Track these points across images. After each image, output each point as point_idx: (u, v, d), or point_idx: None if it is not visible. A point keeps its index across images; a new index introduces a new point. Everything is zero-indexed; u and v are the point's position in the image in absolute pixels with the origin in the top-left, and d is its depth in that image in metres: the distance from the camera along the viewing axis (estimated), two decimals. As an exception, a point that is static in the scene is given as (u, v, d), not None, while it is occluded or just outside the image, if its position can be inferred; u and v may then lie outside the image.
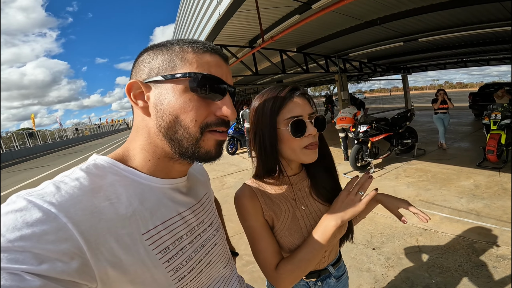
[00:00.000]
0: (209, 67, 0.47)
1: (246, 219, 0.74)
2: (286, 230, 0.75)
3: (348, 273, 1.00)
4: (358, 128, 4.59)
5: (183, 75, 0.45)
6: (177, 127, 0.46)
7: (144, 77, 0.48)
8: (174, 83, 0.46)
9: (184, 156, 0.49)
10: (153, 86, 0.47)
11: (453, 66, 14.77)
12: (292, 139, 0.69)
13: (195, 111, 0.46)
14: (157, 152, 0.49)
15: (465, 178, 3.77)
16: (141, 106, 0.48)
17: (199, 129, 0.47)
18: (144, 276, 0.43)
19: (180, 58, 0.47)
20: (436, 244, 2.36)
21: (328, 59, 9.57)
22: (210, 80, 0.46)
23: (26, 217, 0.34)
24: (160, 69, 0.47)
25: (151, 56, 0.48)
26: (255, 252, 0.74)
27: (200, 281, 0.54)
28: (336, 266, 0.91)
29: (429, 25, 6.48)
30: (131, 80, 0.48)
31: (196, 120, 0.46)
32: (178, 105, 0.46)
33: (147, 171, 0.49)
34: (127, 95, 0.48)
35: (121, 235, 0.41)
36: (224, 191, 4.50)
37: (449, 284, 1.87)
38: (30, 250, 0.33)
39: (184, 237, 0.51)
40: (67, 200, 0.38)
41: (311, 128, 0.69)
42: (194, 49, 0.47)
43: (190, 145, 0.47)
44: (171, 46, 0.48)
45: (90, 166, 0.45)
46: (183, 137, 0.47)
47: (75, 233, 0.36)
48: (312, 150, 0.71)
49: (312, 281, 0.89)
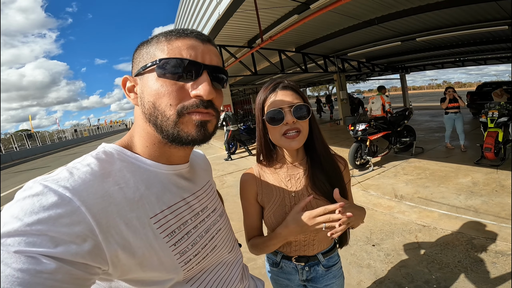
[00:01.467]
0: (179, 50, 0.48)
1: (241, 197, 0.91)
2: (272, 213, 0.85)
3: (347, 269, 1.02)
4: (356, 126, 4.61)
5: (152, 64, 0.47)
6: (156, 112, 0.48)
7: (134, 72, 0.52)
8: (149, 73, 0.49)
9: (169, 140, 0.50)
10: (138, 79, 0.51)
11: (451, 65, 14.84)
12: (272, 128, 0.79)
13: (167, 96, 0.47)
14: (151, 138, 0.52)
15: (463, 175, 3.79)
16: (133, 98, 0.52)
17: (175, 113, 0.47)
18: (152, 259, 0.45)
19: (155, 49, 0.49)
20: (435, 240, 2.38)
21: (327, 59, 9.61)
22: (178, 63, 0.46)
23: (43, 201, 0.36)
24: (141, 62, 0.50)
25: (138, 52, 0.52)
26: (243, 224, 0.93)
27: (205, 264, 0.56)
28: (327, 256, 0.93)
29: (427, 25, 6.53)
30: (125, 76, 0.53)
31: (171, 104, 0.47)
32: (153, 92, 0.48)
33: (150, 157, 0.52)
34: (123, 89, 0.53)
35: (130, 219, 0.43)
36: (224, 190, 4.51)
37: (449, 279, 1.89)
38: (47, 233, 0.34)
39: (189, 221, 0.53)
40: (80, 185, 0.40)
41: (288, 117, 0.76)
42: (167, 38, 0.49)
43: (170, 128, 0.48)
44: (151, 39, 0.51)
45: (100, 153, 0.48)
46: (162, 122, 0.48)
47: (88, 216, 0.38)
48: (290, 138, 0.78)
49: (300, 265, 0.92)
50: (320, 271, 0.93)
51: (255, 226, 0.91)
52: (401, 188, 3.64)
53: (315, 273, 0.93)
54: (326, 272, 0.94)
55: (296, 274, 0.94)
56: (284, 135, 0.78)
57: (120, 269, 0.42)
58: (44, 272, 0.33)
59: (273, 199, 0.86)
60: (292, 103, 0.77)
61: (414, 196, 3.32)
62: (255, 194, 0.89)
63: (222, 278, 0.59)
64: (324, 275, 0.94)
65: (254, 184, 0.89)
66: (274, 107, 0.77)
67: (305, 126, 0.79)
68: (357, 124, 4.64)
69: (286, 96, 0.78)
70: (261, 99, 0.83)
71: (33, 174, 10.46)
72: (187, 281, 0.52)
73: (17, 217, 0.34)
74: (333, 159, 0.88)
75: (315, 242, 0.89)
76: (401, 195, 3.37)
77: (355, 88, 37.41)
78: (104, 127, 46.99)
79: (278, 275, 0.98)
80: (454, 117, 5.25)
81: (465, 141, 5.23)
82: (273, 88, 0.81)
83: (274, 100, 0.79)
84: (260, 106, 0.83)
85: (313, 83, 22.96)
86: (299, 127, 0.78)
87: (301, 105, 0.78)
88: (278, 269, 0.97)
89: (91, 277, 0.38)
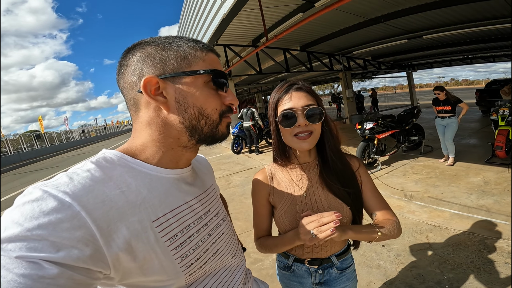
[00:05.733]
0: (214, 64, 0.53)
1: (253, 197, 0.92)
2: (283, 212, 0.84)
3: (357, 270, 1.01)
4: (364, 125, 4.55)
5: (204, 72, 0.50)
6: (200, 117, 0.51)
7: (158, 72, 0.48)
8: (195, 79, 0.50)
9: (201, 141, 0.55)
10: (170, 81, 0.49)
11: (459, 63, 14.63)
12: (284, 129, 0.79)
13: (215, 102, 0.53)
14: (171, 143, 0.52)
15: (474, 174, 3.72)
16: (161, 101, 0.49)
17: (218, 116, 0.54)
18: (153, 263, 0.45)
19: (193, 56, 0.51)
20: (446, 240, 2.33)
21: (332, 57, 9.54)
22: (220, 75, 0.53)
23: (43, 207, 0.36)
24: (176, 65, 0.49)
25: (160, 52, 0.49)
26: (253, 222, 0.94)
27: (207, 269, 0.55)
28: (340, 258, 0.91)
29: (433, 22, 6.43)
30: (148, 76, 0.47)
31: (217, 109, 0.53)
32: (201, 97, 0.51)
33: (156, 163, 0.51)
34: (143, 91, 0.47)
35: (131, 222, 0.43)
36: (230, 189, 4.50)
37: (461, 280, 1.85)
38: (47, 238, 0.34)
39: (192, 225, 0.53)
40: (80, 190, 0.40)
41: (301, 120, 0.76)
42: (201, 48, 0.53)
43: (211, 130, 0.54)
44: (177, 44, 0.51)
45: (100, 159, 0.47)
46: (205, 125, 0.52)
47: (88, 220, 0.38)
48: (301, 139, 0.77)
49: (313, 267, 0.90)
50: (333, 274, 0.91)
51: (264, 227, 0.92)
52: (411, 187, 3.59)
53: (329, 276, 0.91)
54: (340, 274, 0.91)
55: (309, 277, 0.92)
56: (296, 136, 0.78)
57: (121, 273, 0.42)
58: (46, 277, 0.33)
59: (284, 198, 0.86)
60: (305, 106, 0.76)
61: (424, 196, 3.26)
62: (266, 195, 0.89)
63: (225, 283, 0.59)
64: (338, 278, 0.91)
65: (266, 185, 0.89)
66: (287, 109, 0.77)
67: (318, 128, 0.79)
68: (364, 122, 4.59)
69: (300, 98, 0.78)
70: (274, 100, 0.82)
71: (42, 174, 10.63)
72: (189, 285, 0.52)
73: (17, 222, 0.34)
74: (345, 159, 0.87)
75: (327, 244, 0.88)
76: (410, 195, 3.32)
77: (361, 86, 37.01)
78: (111, 127, 47.51)
79: (289, 278, 0.96)
80: (442, 122, 4.34)
81: (454, 153, 4.23)
82: (287, 89, 0.80)
83: (287, 101, 0.78)
84: (273, 106, 0.83)
85: (318, 82, 22.83)
86: (311, 129, 0.77)
87: (315, 108, 0.77)
88: (290, 273, 0.95)
89: (93, 282, 0.38)
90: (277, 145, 0.87)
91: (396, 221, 0.81)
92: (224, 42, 6.45)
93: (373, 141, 4.49)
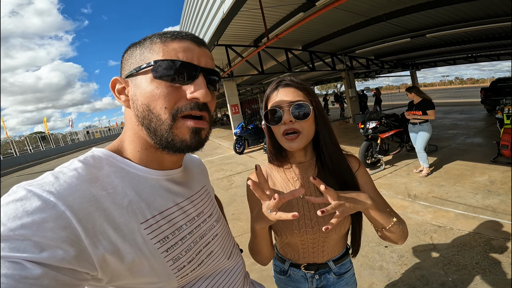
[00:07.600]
0: (176, 53, 0.47)
1: (248, 198, 0.88)
2: None
3: (359, 271, 0.97)
4: (367, 124, 4.51)
5: (147, 65, 0.46)
6: (150, 115, 0.47)
7: (125, 73, 0.50)
8: (142, 74, 0.47)
9: (161, 146, 0.48)
10: (130, 80, 0.49)
11: (463, 61, 14.47)
12: (274, 128, 0.77)
13: (163, 98, 0.46)
14: (142, 143, 0.50)
15: (480, 173, 3.65)
16: (123, 100, 0.50)
17: (170, 116, 0.46)
18: (143, 265, 0.44)
19: (149, 50, 0.48)
20: (451, 241, 2.29)
21: (334, 57, 9.49)
22: (174, 65, 0.46)
23: (26, 206, 0.35)
24: (133, 63, 0.49)
25: (129, 53, 0.50)
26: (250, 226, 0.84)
27: (201, 271, 0.54)
28: (338, 263, 0.88)
29: (436, 21, 6.35)
30: (114, 77, 0.51)
31: (166, 107, 0.46)
32: (147, 94, 0.46)
33: (140, 162, 0.50)
34: (112, 91, 0.51)
35: (118, 224, 0.42)
36: (232, 190, 4.49)
37: (466, 281, 1.81)
38: (31, 238, 0.33)
39: (184, 227, 0.52)
40: (65, 189, 0.39)
41: (286, 116, 0.72)
42: (161, 39, 0.48)
43: (164, 133, 0.47)
44: (144, 41, 0.50)
45: (87, 157, 0.47)
46: (157, 126, 0.47)
47: (73, 220, 0.37)
48: (289, 139, 0.74)
49: (310, 273, 0.88)
50: (331, 279, 0.88)
51: None
52: (415, 187, 3.54)
53: (326, 281, 0.88)
54: (338, 279, 0.89)
55: (306, 283, 0.89)
56: (284, 136, 0.75)
57: (109, 274, 0.41)
58: (30, 278, 0.32)
59: None
60: (291, 102, 0.73)
61: (428, 196, 3.21)
62: None
63: (223, 286, 0.58)
64: (336, 283, 0.89)
65: None
66: (273, 106, 0.75)
67: (306, 126, 0.74)
68: (367, 122, 4.54)
69: (287, 94, 0.74)
70: (265, 98, 0.81)
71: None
72: None
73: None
74: (344, 159, 0.82)
75: (324, 249, 0.85)
76: (414, 195, 3.28)
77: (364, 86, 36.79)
78: (115, 128, 47.79)
79: (286, 283, 0.94)
80: (413, 129, 3.92)
81: (427, 163, 3.85)
82: (275, 86, 0.78)
83: (274, 98, 0.76)
84: (264, 105, 0.81)
85: (321, 82, 22.76)
86: (298, 127, 0.73)
87: (300, 104, 0.72)
88: (286, 277, 0.93)
89: (79, 283, 0.37)
90: (271, 145, 0.85)
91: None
92: (226, 42, 6.44)
93: (376, 141, 4.44)
